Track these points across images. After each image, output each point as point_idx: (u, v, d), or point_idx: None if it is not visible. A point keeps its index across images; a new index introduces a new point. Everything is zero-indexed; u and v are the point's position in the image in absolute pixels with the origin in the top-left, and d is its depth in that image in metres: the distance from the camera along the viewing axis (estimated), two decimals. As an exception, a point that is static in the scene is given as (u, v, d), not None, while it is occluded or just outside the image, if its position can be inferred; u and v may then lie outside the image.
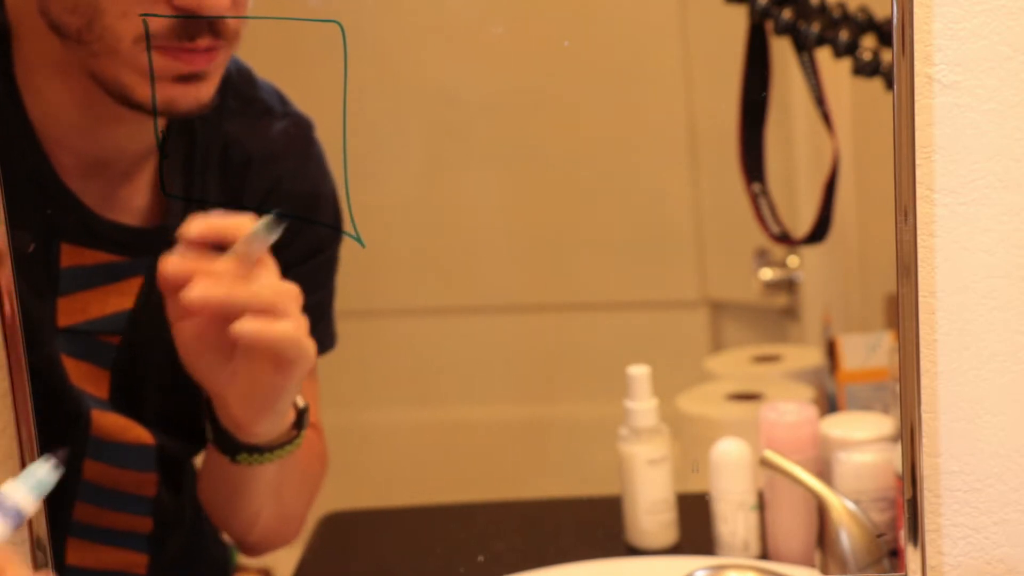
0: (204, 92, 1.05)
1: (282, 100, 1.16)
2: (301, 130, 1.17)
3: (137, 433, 1.16)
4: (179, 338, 1.01)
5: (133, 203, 1.12)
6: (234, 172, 1.14)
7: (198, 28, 1.02)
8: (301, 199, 1.16)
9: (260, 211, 1.00)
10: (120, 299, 1.12)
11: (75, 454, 1.13)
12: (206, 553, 1.29)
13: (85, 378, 1.13)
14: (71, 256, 1.10)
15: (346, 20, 0.88)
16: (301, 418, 1.09)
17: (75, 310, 1.11)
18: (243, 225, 0.98)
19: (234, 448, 1.07)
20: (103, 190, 1.10)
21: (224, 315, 0.98)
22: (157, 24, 1.00)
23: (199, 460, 1.19)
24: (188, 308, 0.97)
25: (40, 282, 1.09)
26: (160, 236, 1.03)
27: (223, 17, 1.02)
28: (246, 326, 0.97)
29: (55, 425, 1.10)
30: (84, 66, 1.04)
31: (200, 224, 0.99)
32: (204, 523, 1.26)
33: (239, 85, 1.13)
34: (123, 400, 1.15)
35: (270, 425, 1.06)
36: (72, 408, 1.12)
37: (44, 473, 0.81)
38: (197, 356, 1.01)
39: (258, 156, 1.15)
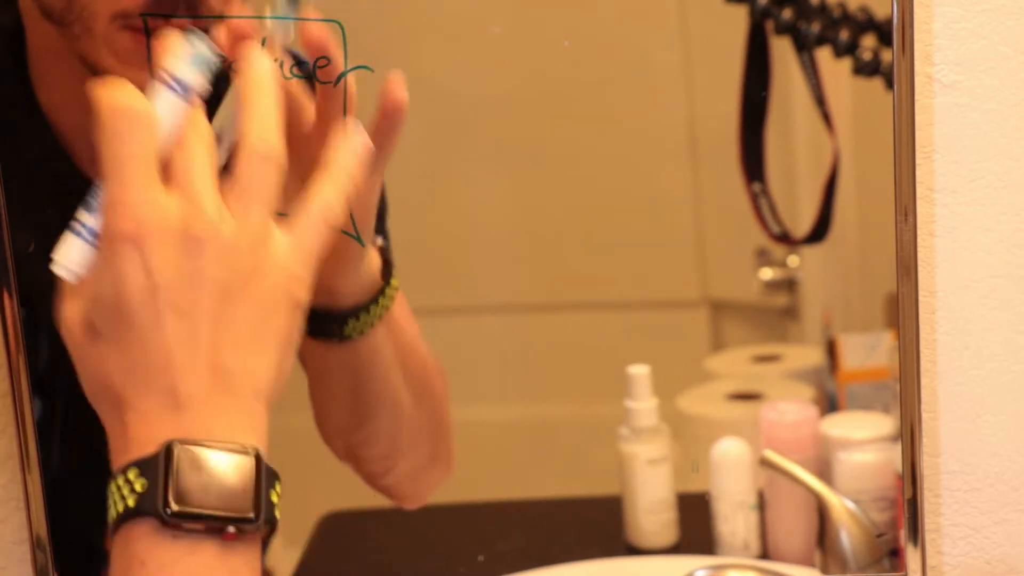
0: None
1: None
2: None
3: None
4: None
5: None
6: None
7: (173, 5, 0.95)
8: None
9: None
10: None
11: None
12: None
13: None
14: None
15: (346, 20, 0.88)
16: (388, 261, 1.02)
17: None
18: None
19: (340, 320, 1.00)
20: None
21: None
22: (130, 1, 0.96)
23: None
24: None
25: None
26: None
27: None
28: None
29: (78, 426, 1.09)
30: (74, 51, 1.00)
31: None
32: None
33: None
34: None
35: (359, 270, 0.98)
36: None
37: (202, 47, 0.79)
38: None
39: None
